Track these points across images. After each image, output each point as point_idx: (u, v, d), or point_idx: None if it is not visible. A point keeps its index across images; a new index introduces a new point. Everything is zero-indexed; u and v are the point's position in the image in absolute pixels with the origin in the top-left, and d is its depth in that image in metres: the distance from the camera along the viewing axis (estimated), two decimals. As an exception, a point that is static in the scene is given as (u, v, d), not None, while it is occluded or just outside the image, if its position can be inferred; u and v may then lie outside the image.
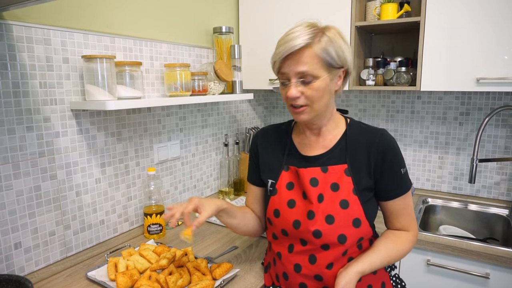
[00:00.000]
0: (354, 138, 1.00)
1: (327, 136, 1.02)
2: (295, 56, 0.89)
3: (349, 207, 0.94)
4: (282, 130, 1.11)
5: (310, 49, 0.89)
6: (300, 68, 0.89)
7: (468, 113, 1.85)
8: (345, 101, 2.17)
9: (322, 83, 0.91)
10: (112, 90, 1.19)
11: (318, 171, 0.98)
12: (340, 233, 0.94)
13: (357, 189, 0.95)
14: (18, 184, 1.10)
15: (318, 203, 0.95)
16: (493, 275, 1.33)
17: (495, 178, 1.83)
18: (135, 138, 1.48)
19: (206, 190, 1.90)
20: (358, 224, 0.94)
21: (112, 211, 1.41)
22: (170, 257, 1.15)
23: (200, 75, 1.53)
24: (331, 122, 1.02)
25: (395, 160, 0.98)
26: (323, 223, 0.93)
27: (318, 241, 0.95)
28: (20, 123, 1.09)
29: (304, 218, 0.96)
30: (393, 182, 0.98)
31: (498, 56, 1.43)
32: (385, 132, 0.99)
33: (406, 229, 1.03)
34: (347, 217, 0.94)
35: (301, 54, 0.89)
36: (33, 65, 1.11)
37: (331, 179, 0.96)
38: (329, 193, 0.95)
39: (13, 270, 1.11)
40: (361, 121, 1.06)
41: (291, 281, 1.00)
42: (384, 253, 0.96)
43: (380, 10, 1.69)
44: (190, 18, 1.70)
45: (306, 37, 0.88)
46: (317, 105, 0.93)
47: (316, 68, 0.89)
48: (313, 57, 0.89)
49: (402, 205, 1.01)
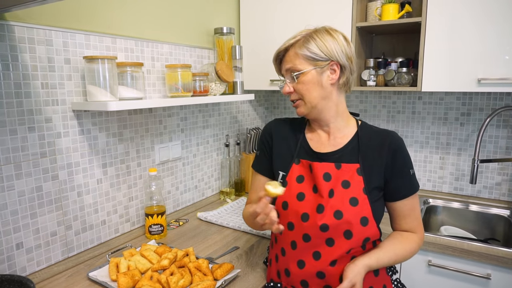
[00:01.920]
0: (366, 139, 1.02)
1: (337, 134, 1.05)
2: (283, 58, 1.05)
3: (358, 205, 0.96)
4: (296, 125, 1.13)
5: (292, 49, 1.01)
6: (286, 66, 1.03)
7: (469, 114, 1.85)
8: (346, 102, 2.16)
9: (309, 76, 0.99)
10: (114, 91, 1.19)
11: (332, 167, 1.00)
12: (347, 229, 0.95)
13: (367, 189, 0.97)
14: (20, 185, 1.10)
15: (329, 198, 0.96)
16: (494, 276, 1.33)
17: (496, 179, 1.82)
18: (137, 139, 1.48)
19: (207, 191, 1.90)
20: (365, 223, 0.95)
21: (113, 211, 1.41)
22: (171, 258, 1.15)
23: (201, 75, 1.53)
24: (340, 120, 1.05)
25: (405, 161, 1.01)
26: (331, 217, 0.95)
27: (324, 234, 0.95)
28: (22, 124, 1.10)
29: (313, 212, 0.97)
30: (402, 183, 1.01)
31: (499, 57, 1.43)
32: (396, 134, 1.03)
33: (413, 231, 1.05)
34: (355, 214, 0.95)
35: (286, 54, 1.03)
36: (35, 65, 1.11)
37: (343, 176, 0.99)
38: (339, 189, 0.97)
39: (15, 270, 1.11)
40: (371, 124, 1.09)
41: (292, 278, 1.00)
42: (391, 252, 0.99)
43: (381, 10, 1.69)
44: (191, 19, 1.70)
45: (291, 41, 1.01)
46: (308, 97, 1.00)
47: (299, 63, 0.99)
48: (294, 55, 1.00)
49: (409, 206, 1.03)
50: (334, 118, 1.04)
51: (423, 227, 1.08)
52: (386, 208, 1.06)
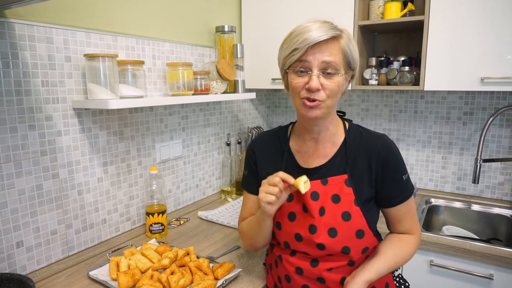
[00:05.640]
0: (354, 146, 0.97)
1: (327, 143, 0.99)
2: (322, 46, 0.86)
3: (351, 219, 0.92)
4: (278, 138, 1.07)
5: (338, 42, 0.88)
6: (327, 58, 0.86)
7: (472, 113, 1.84)
8: (348, 101, 2.16)
9: (341, 79, 0.90)
10: (114, 89, 1.19)
11: (318, 184, 0.95)
12: (344, 245, 0.92)
13: (358, 200, 0.93)
14: (20, 183, 1.10)
15: (320, 217, 0.93)
16: (496, 276, 1.32)
17: (499, 178, 1.81)
18: (137, 137, 1.47)
19: (208, 190, 1.90)
20: (361, 235, 0.93)
21: (114, 210, 1.40)
22: (172, 257, 1.15)
23: (202, 74, 1.52)
24: (332, 126, 0.99)
25: (397, 167, 0.96)
26: (326, 236, 0.92)
27: (322, 252, 0.93)
28: (22, 122, 1.09)
29: (305, 232, 0.94)
30: (395, 190, 0.96)
31: (502, 55, 1.42)
32: (386, 138, 0.97)
33: (410, 232, 1.02)
34: (349, 229, 0.92)
35: (329, 45, 0.87)
36: (35, 63, 1.11)
37: (332, 191, 0.94)
38: (330, 205, 0.93)
39: (15, 269, 1.11)
40: (360, 125, 1.03)
41: (293, 283, 0.99)
42: (390, 259, 0.95)
43: (383, 9, 1.68)
44: (192, 17, 1.69)
45: (332, 31, 0.86)
46: (331, 101, 0.90)
47: (340, 62, 0.88)
48: (339, 51, 0.88)
49: (404, 210, 0.99)
50: (329, 123, 0.98)
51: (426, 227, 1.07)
52: (381, 212, 1.03)
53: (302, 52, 0.86)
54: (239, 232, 1.14)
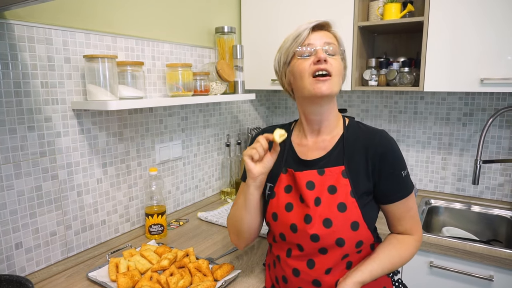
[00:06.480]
0: (352, 139, 0.98)
1: (326, 136, 1.01)
2: (321, 32, 0.97)
3: (346, 210, 0.92)
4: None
5: (330, 28, 0.99)
6: (328, 39, 0.95)
7: (472, 114, 1.84)
8: (348, 102, 2.16)
9: (341, 63, 0.97)
10: (114, 90, 1.19)
11: (314, 174, 0.96)
12: (338, 237, 0.92)
13: (355, 192, 0.93)
14: (19, 184, 1.10)
15: (315, 207, 0.93)
16: (496, 278, 1.32)
17: (498, 180, 1.81)
18: (137, 138, 1.47)
19: (208, 191, 1.90)
20: (356, 227, 0.92)
21: (113, 211, 1.40)
22: (171, 258, 1.14)
23: (202, 75, 1.52)
24: (332, 117, 1.01)
25: (395, 162, 0.96)
26: (321, 226, 0.92)
27: (315, 244, 0.93)
28: (22, 123, 1.09)
29: (301, 222, 0.94)
30: (393, 185, 0.96)
31: (502, 56, 1.42)
32: (385, 133, 0.98)
33: (410, 232, 1.01)
34: (344, 220, 0.92)
35: (328, 30, 0.99)
36: (34, 64, 1.11)
37: (328, 182, 0.95)
38: (326, 196, 0.93)
39: (14, 270, 1.11)
40: (360, 122, 1.04)
41: (289, 285, 0.99)
42: (386, 261, 0.94)
43: (383, 10, 1.68)
44: (192, 18, 1.69)
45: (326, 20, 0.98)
46: (337, 79, 0.95)
47: (337, 48, 0.97)
48: (335, 39, 0.98)
49: (404, 208, 0.98)
50: (330, 114, 1.00)
51: (425, 228, 1.06)
52: (381, 210, 1.02)
53: (306, 33, 0.95)
54: (227, 223, 1.11)
